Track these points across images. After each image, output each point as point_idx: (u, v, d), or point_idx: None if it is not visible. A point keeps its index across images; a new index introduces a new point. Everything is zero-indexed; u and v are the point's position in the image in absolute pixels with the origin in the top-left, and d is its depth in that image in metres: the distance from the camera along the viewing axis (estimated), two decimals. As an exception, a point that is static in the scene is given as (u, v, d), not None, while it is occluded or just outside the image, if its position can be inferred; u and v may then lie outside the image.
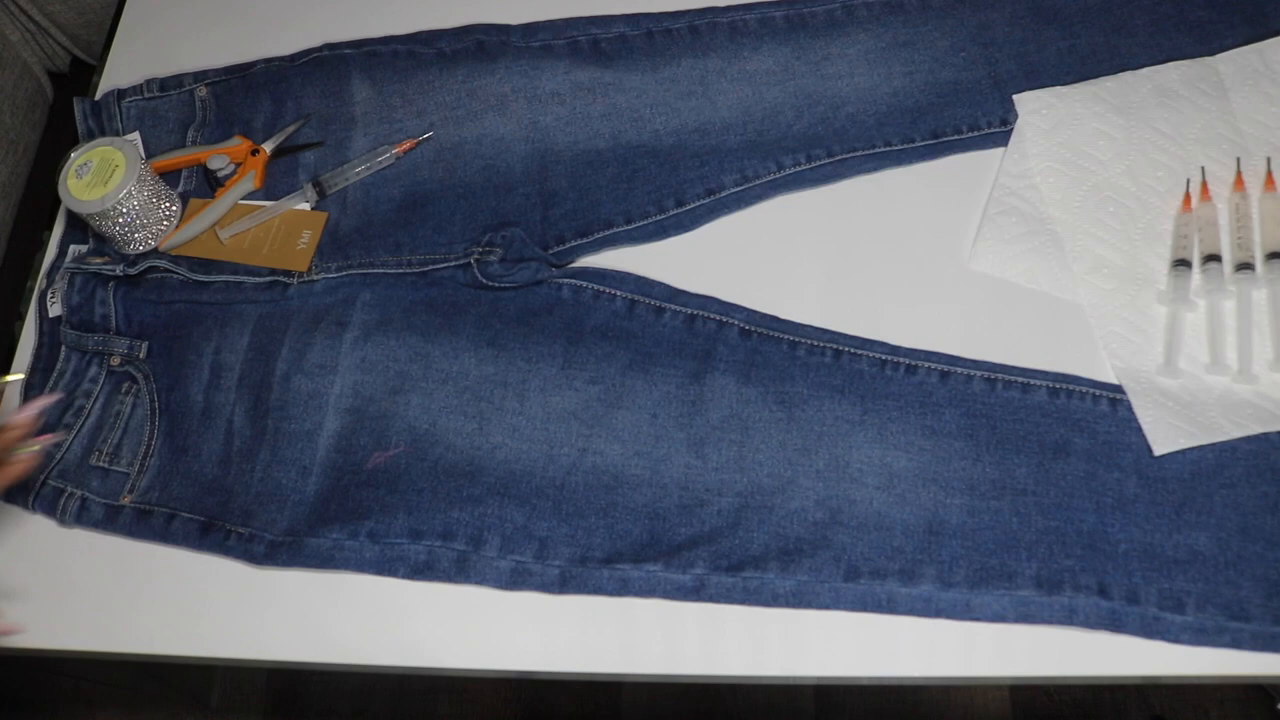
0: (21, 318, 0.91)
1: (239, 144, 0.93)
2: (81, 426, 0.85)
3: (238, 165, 0.93)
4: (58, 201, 0.92)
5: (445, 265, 0.87)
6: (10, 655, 0.80)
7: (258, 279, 0.89)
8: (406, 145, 0.93)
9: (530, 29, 0.98)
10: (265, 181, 0.93)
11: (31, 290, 0.92)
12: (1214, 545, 0.74)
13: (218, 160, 0.92)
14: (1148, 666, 0.72)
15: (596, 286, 0.86)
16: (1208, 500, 0.75)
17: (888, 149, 0.90)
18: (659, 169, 0.90)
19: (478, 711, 1.49)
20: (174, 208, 0.90)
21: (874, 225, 0.88)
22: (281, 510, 0.80)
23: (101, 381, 0.87)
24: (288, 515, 0.80)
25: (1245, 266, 0.81)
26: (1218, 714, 1.41)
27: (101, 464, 0.84)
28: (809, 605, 0.75)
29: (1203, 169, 0.86)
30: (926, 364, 0.81)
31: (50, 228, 0.95)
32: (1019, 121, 0.89)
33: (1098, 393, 0.79)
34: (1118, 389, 0.79)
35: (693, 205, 0.89)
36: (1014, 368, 0.80)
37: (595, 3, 0.98)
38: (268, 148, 0.93)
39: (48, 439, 0.81)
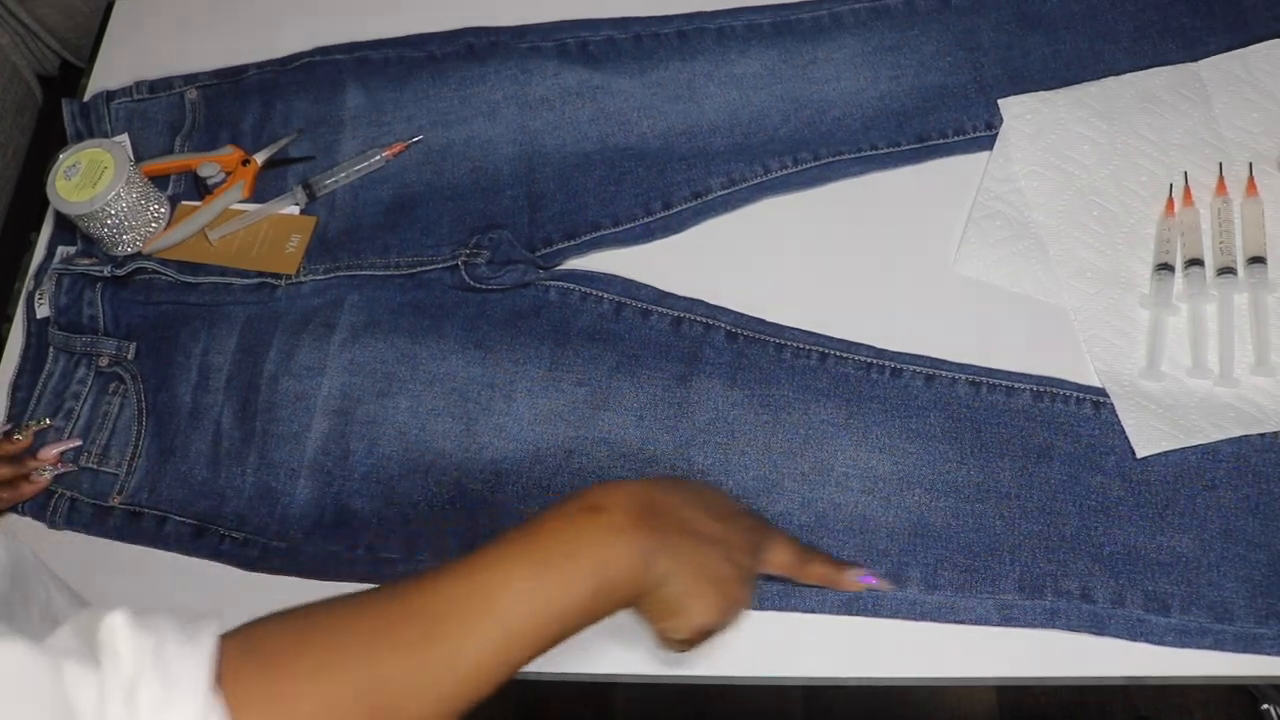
0: (10, 319, 0.91)
1: (231, 153, 0.93)
2: (71, 429, 0.85)
3: (228, 174, 0.93)
4: (46, 204, 0.92)
5: (433, 267, 0.87)
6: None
7: (245, 280, 0.89)
8: (396, 148, 0.93)
9: (519, 32, 0.98)
10: (254, 190, 0.93)
11: (20, 292, 0.92)
12: (1197, 547, 0.74)
13: (208, 168, 0.92)
14: (1132, 667, 0.73)
15: (584, 289, 0.86)
16: (1190, 502, 0.76)
17: (874, 152, 0.90)
18: (646, 172, 0.90)
19: (468, 713, 1.49)
20: (162, 210, 0.91)
21: (860, 228, 0.88)
22: (272, 513, 0.80)
23: (90, 382, 0.87)
24: (279, 518, 0.80)
25: (1227, 271, 0.81)
26: (1201, 715, 1.41)
27: (90, 465, 0.84)
28: (795, 608, 0.75)
29: (1185, 174, 0.86)
30: (911, 367, 0.81)
31: (39, 230, 0.95)
32: (1004, 126, 0.90)
33: (1081, 396, 0.80)
34: (1101, 392, 0.80)
35: (680, 208, 0.89)
36: (998, 371, 0.81)
37: (584, 7, 0.98)
38: (259, 159, 0.93)
39: (63, 467, 0.84)
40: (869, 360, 0.82)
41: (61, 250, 0.93)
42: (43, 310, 0.89)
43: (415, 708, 0.48)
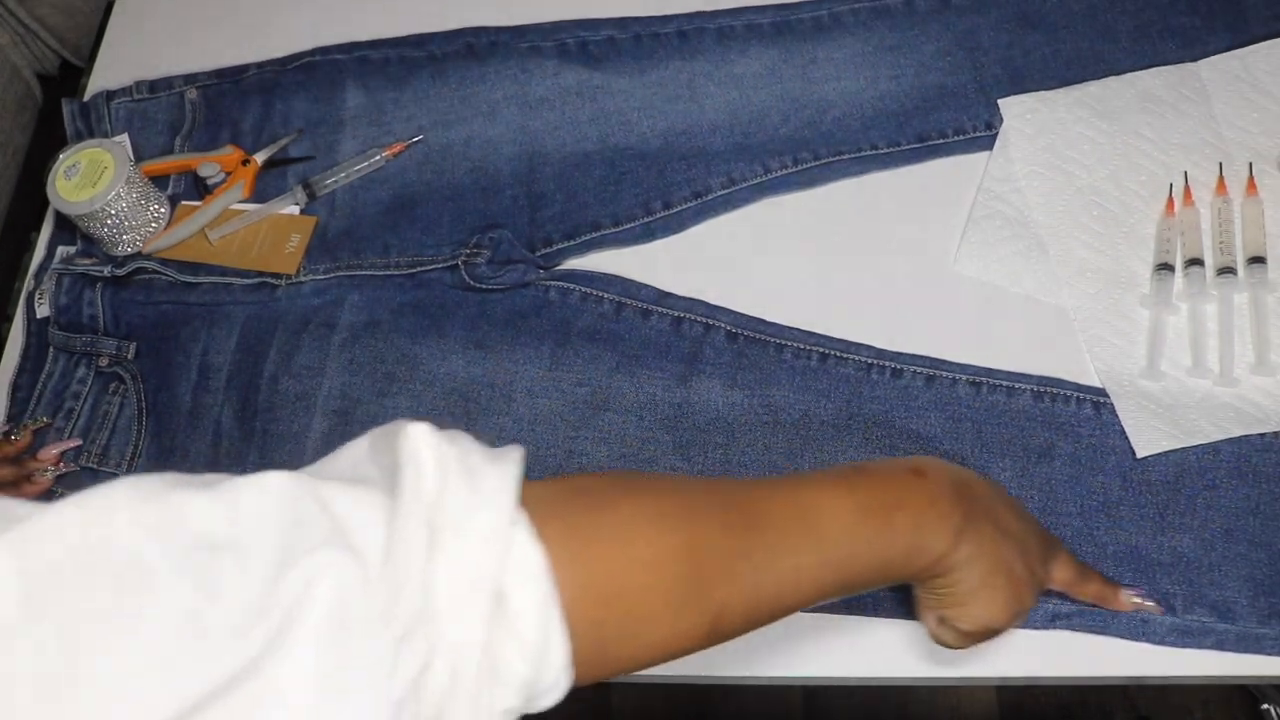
0: (9, 319, 0.91)
1: (230, 153, 0.93)
2: (71, 429, 0.85)
3: (228, 174, 0.93)
4: (46, 203, 0.92)
5: (433, 267, 0.87)
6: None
7: (245, 280, 0.89)
8: (396, 148, 0.93)
9: (519, 31, 0.98)
10: (255, 190, 0.93)
11: (20, 292, 0.92)
12: (1198, 547, 0.74)
13: (208, 168, 0.92)
14: (1133, 667, 0.73)
15: (584, 289, 0.86)
16: (1191, 502, 0.76)
17: (874, 152, 0.90)
18: (646, 171, 0.90)
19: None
20: (162, 210, 0.91)
21: (860, 228, 0.88)
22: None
23: (90, 382, 0.87)
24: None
25: (1227, 270, 0.81)
26: (1202, 715, 1.41)
27: (91, 465, 0.84)
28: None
29: (1185, 173, 0.86)
30: (912, 368, 0.81)
31: (39, 230, 0.95)
32: (1004, 126, 0.90)
33: (1082, 396, 0.80)
34: (1101, 392, 0.79)
35: (680, 208, 0.89)
36: (999, 371, 0.81)
37: (584, 7, 0.98)
38: (259, 159, 0.93)
39: (64, 467, 0.85)
40: (869, 361, 0.82)
41: (61, 250, 0.93)
42: (43, 310, 0.89)
43: (724, 593, 0.46)
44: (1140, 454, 0.77)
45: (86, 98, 1.00)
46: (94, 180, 0.85)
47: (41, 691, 0.30)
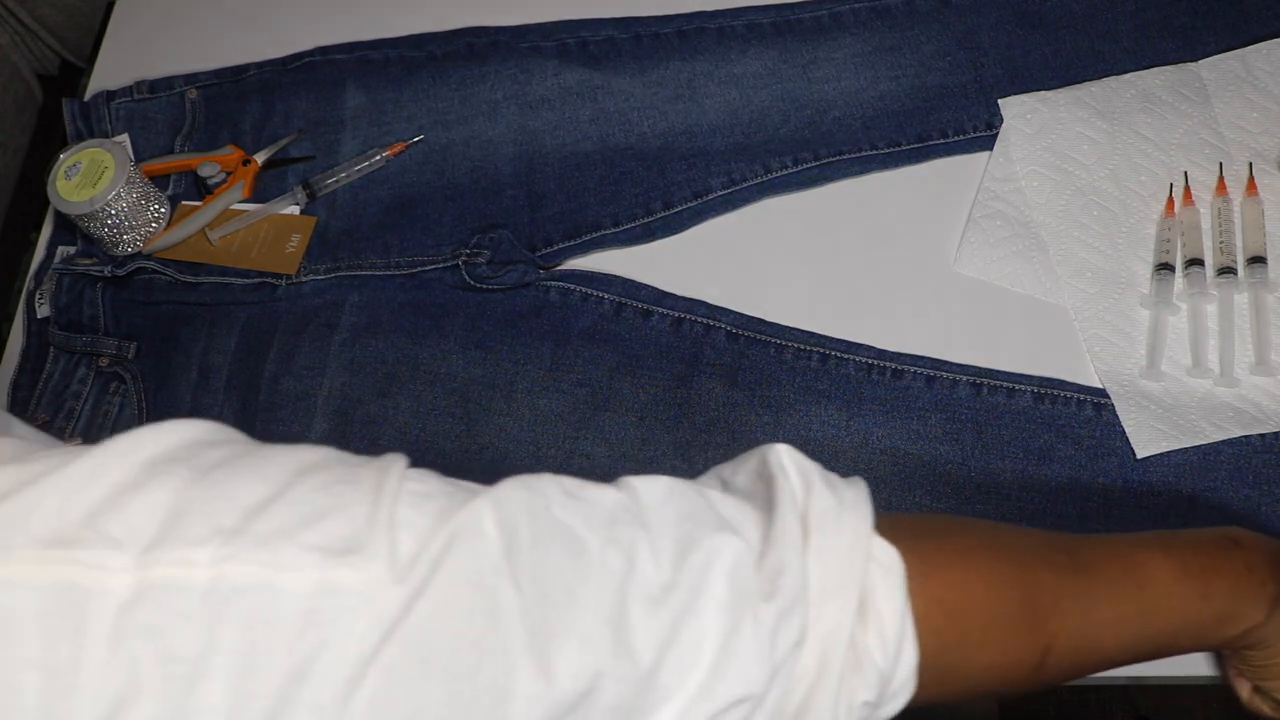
0: (10, 319, 0.91)
1: (230, 153, 0.93)
2: (72, 429, 0.85)
3: (228, 174, 0.93)
4: (46, 203, 0.92)
5: (433, 267, 0.87)
6: None
7: (246, 280, 0.89)
8: (397, 148, 0.93)
9: (519, 31, 0.98)
10: (255, 190, 0.93)
11: (20, 292, 0.92)
12: (1197, 547, 0.74)
13: (208, 168, 0.92)
14: (1132, 668, 0.72)
15: (584, 289, 0.86)
16: (1191, 503, 0.76)
17: (874, 152, 0.90)
18: (646, 172, 0.90)
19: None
20: (162, 210, 0.91)
21: (860, 228, 0.88)
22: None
23: (90, 382, 0.87)
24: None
25: (1227, 270, 0.81)
26: (1202, 715, 1.41)
27: (90, 465, 0.84)
28: None
29: (1185, 174, 0.86)
30: (912, 368, 0.81)
31: (39, 229, 0.95)
32: (1004, 126, 0.90)
33: (1082, 397, 0.79)
34: (1102, 393, 0.79)
35: (680, 208, 0.89)
36: (999, 372, 0.81)
37: (584, 7, 0.98)
38: (259, 159, 0.93)
39: None
40: (870, 361, 0.82)
41: (61, 250, 0.93)
42: (43, 310, 0.89)
43: (1054, 628, 0.47)
44: (1140, 454, 0.77)
45: (86, 98, 1.00)
46: (94, 180, 0.85)
47: (527, 623, 0.36)
